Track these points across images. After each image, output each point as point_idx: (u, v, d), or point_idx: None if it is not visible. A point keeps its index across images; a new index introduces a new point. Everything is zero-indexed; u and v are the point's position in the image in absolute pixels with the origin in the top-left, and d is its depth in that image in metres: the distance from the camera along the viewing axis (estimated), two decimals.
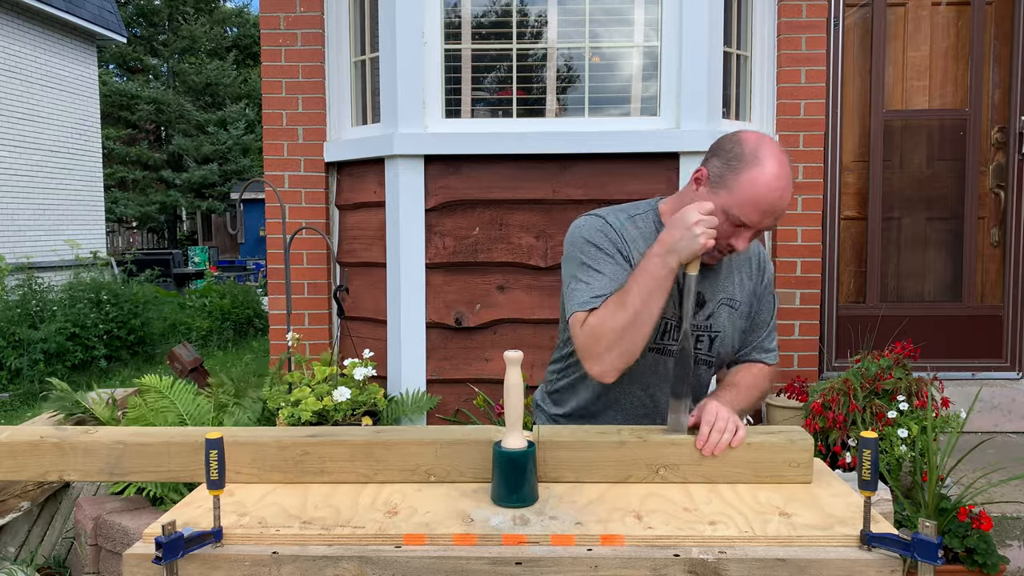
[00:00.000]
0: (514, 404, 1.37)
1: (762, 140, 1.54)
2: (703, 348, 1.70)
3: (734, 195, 1.51)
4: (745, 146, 1.53)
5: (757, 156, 1.50)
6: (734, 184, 1.51)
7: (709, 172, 1.57)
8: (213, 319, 8.24)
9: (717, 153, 1.57)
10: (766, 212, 1.51)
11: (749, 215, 1.51)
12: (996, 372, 3.90)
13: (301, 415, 2.90)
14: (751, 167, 1.50)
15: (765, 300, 1.77)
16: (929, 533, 1.11)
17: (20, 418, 5.12)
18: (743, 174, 1.50)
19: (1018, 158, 3.81)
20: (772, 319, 1.80)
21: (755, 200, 1.50)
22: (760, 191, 1.49)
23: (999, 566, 2.54)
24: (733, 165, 1.52)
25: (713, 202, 1.52)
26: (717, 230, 1.52)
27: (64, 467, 1.51)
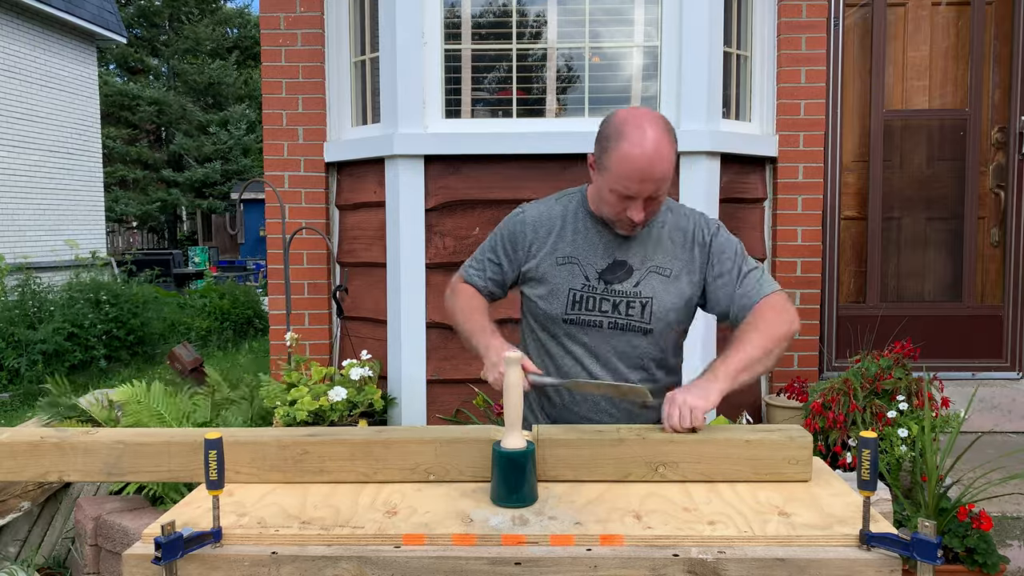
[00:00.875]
0: (513, 404, 1.37)
1: (628, 114, 1.66)
2: (635, 314, 1.75)
3: (611, 173, 1.63)
4: (611, 126, 1.66)
5: (621, 132, 1.63)
6: (608, 163, 1.64)
7: (594, 158, 1.72)
8: (213, 319, 8.23)
9: (597, 137, 1.71)
10: (643, 180, 1.61)
11: (628, 187, 1.62)
12: (996, 372, 3.89)
13: (297, 415, 2.90)
14: (617, 144, 1.62)
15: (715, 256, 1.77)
16: (928, 533, 1.11)
17: (20, 419, 5.12)
18: (611, 153, 1.63)
19: (1018, 158, 3.81)
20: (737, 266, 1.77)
21: (628, 173, 1.61)
22: (629, 164, 1.60)
23: (999, 566, 2.54)
24: (604, 146, 1.66)
25: (601, 182, 1.68)
26: (612, 207, 1.67)
27: (64, 467, 1.51)
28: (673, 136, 1.64)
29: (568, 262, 1.76)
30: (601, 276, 1.75)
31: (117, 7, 13.31)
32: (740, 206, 3.57)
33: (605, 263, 1.76)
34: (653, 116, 1.65)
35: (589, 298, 1.75)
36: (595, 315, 1.75)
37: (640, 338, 1.76)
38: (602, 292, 1.75)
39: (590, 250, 1.77)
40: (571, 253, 1.77)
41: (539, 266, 1.79)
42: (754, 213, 3.66)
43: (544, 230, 1.81)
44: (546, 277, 1.78)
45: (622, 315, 1.74)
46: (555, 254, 1.78)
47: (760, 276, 1.76)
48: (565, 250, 1.78)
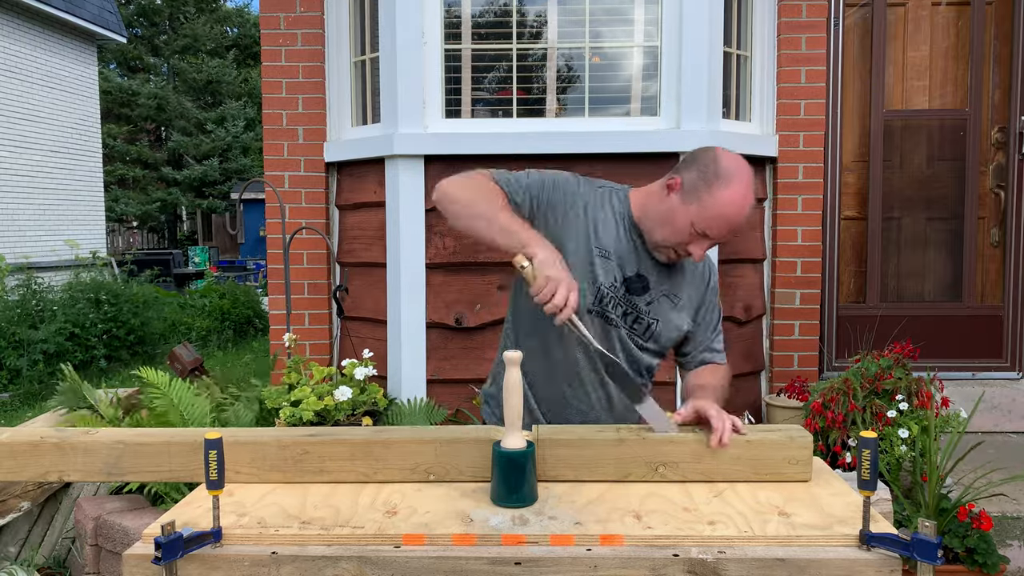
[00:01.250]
0: (513, 404, 1.37)
1: (739, 162, 1.67)
2: (639, 330, 1.79)
3: (706, 209, 1.62)
4: (722, 165, 1.64)
5: (732, 177, 1.63)
6: (707, 199, 1.62)
7: (683, 182, 1.67)
8: (213, 319, 8.24)
9: (694, 166, 1.67)
10: (731, 229, 1.65)
11: (716, 229, 1.64)
12: (996, 372, 3.90)
13: (302, 415, 2.90)
14: (726, 186, 1.62)
15: (709, 305, 1.88)
16: (928, 533, 1.11)
17: (20, 418, 5.12)
18: (718, 192, 1.62)
19: (1018, 158, 3.81)
20: (717, 322, 1.91)
21: (725, 217, 1.62)
22: (730, 210, 1.62)
23: (999, 566, 2.54)
24: (710, 181, 1.63)
25: (682, 211, 1.64)
26: (679, 236, 1.66)
27: (64, 467, 1.51)
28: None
29: (606, 257, 1.75)
30: (625, 282, 1.76)
31: (117, 6, 13.31)
32: None
33: (632, 272, 1.76)
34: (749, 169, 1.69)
35: (613, 299, 1.75)
36: (612, 318, 1.76)
37: (638, 352, 1.81)
38: (622, 298, 1.76)
39: (624, 255, 1.76)
40: (609, 249, 1.75)
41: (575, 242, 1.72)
42: (754, 213, 3.66)
43: (592, 210, 1.75)
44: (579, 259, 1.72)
45: (627, 326, 1.77)
46: (596, 242, 1.74)
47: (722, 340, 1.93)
48: (607, 244, 1.74)
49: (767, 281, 3.73)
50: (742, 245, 3.57)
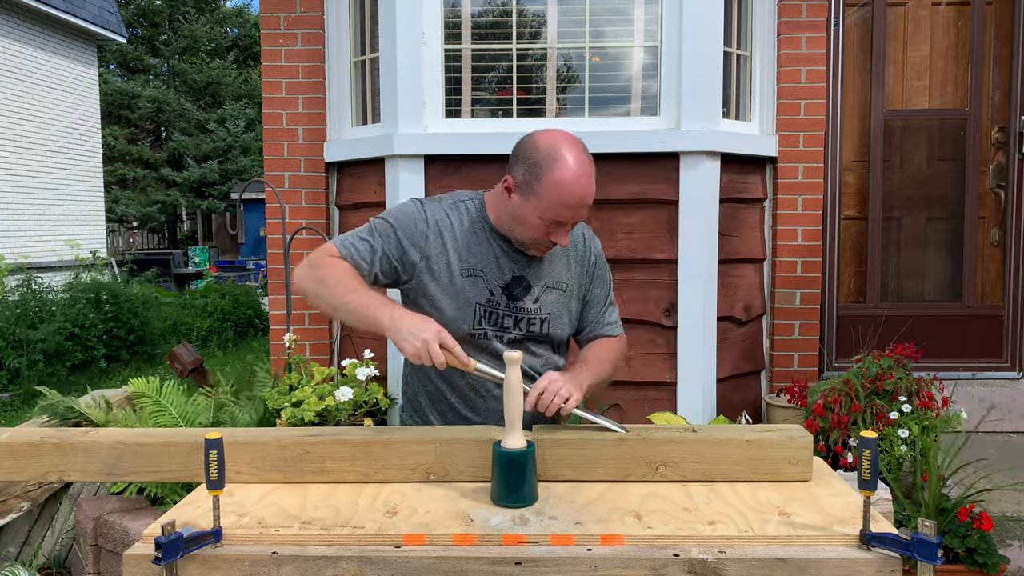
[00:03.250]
0: (514, 403, 1.38)
1: (554, 139, 1.62)
2: (535, 329, 1.77)
3: (543, 200, 1.60)
4: (538, 150, 1.61)
5: (554, 158, 1.59)
6: (540, 190, 1.59)
7: (516, 180, 1.65)
8: (213, 319, 8.24)
9: (518, 160, 1.65)
10: (576, 207, 1.61)
11: (561, 214, 1.61)
12: (996, 372, 3.90)
13: (304, 415, 2.90)
14: (550, 170, 1.59)
15: (596, 277, 1.86)
16: (929, 533, 1.11)
17: (20, 418, 5.12)
18: (544, 179, 1.59)
19: (1018, 158, 3.81)
20: (606, 296, 1.89)
21: (562, 200, 1.59)
22: (564, 192, 1.58)
23: (999, 566, 2.54)
24: (535, 172, 1.60)
25: (526, 208, 1.62)
26: (535, 231, 1.64)
27: (64, 467, 1.51)
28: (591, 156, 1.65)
29: (473, 274, 1.71)
30: (504, 291, 1.73)
31: (117, 7, 13.31)
32: (740, 206, 3.57)
33: (507, 278, 1.73)
34: (575, 139, 1.64)
35: (493, 313, 1.72)
36: (498, 331, 1.74)
37: (536, 346, 1.79)
38: (505, 308, 1.73)
39: (492, 264, 1.72)
40: (475, 265, 1.71)
41: (439, 274, 1.71)
42: (754, 213, 3.66)
43: (447, 234, 1.72)
44: (449, 287, 1.71)
45: (523, 331, 1.75)
46: (460, 263, 1.71)
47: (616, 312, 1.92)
48: (470, 261, 1.72)
49: (767, 281, 3.73)
50: (742, 245, 3.57)
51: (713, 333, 3.41)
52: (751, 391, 3.70)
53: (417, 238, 1.71)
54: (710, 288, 3.37)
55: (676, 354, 3.38)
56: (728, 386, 3.53)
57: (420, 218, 1.73)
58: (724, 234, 3.45)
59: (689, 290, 3.35)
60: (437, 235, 1.72)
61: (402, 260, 1.71)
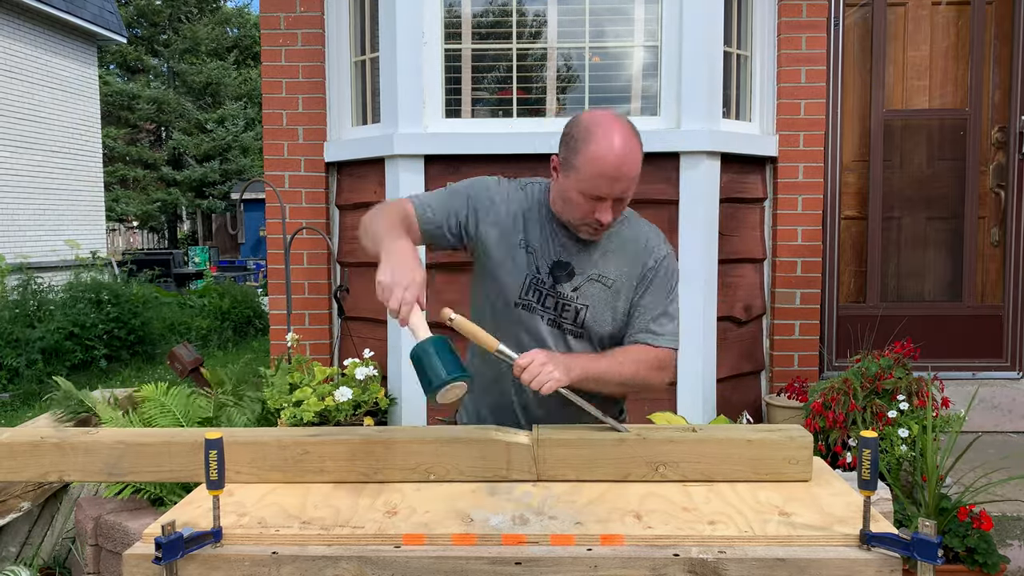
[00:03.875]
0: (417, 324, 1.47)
1: (594, 116, 1.65)
2: (568, 318, 1.76)
3: (581, 174, 1.61)
4: (579, 126, 1.64)
5: (591, 131, 1.61)
6: (578, 164, 1.62)
7: (559, 160, 1.69)
8: (213, 319, 8.24)
9: (563, 139, 1.69)
10: (614, 179, 1.60)
11: (600, 187, 1.61)
12: (996, 372, 3.89)
13: (303, 415, 2.90)
14: (587, 144, 1.60)
15: (653, 287, 1.80)
16: (929, 532, 1.11)
17: (20, 418, 5.12)
18: (582, 153, 1.61)
19: (1018, 158, 3.81)
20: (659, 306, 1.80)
21: (600, 173, 1.60)
22: (601, 164, 1.59)
23: (999, 566, 2.54)
24: (573, 147, 1.63)
25: (569, 185, 1.65)
26: (580, 208, 1.65)
27: (64, 467, 1.51)
28: (639, 138, 1.65)
29: (529, 251, 1.75)
30: (551, 271, 1.76)
31: (117, 7, 13.31)
32: (740, 206, 3.56)
33: (553, 260, 1.76)
34: (620, 118, 1.66)
35: (537, 291, 1.75)
36: (540, 310, 1.76)
37: (574, 340, 1.77)
38: (548, 288, 1.75)
39: (546, 245, 1.76)
40: (531, 241, 1.76)
41: (501, 240, 1.76)
42: (754, 213, 3.66)
43: (513, 207, 1.78)
44: (507, 254, 1.76)
45: (559, 316, 1.76)
46: (519, 236, 1.76)
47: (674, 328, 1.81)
48: (527, 236, 1.76)
49: (767, 281, 3.73)
50: (742, 245, 3.57)
51: (713, 333, 3.41)
52: (751, 391, 3.70)
53: (486, 203, 1.78)
54: (710, 288, 3.37)
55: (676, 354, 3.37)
56: (728, 386, 3.53)
57: (493, 187, 1.81)
58: (724, 234, 3.45)
59: (689, 290, 3.35)
60: (505, 205, 1.78)
61: (468, 218, 1.77)
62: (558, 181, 1.70)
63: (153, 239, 20.99)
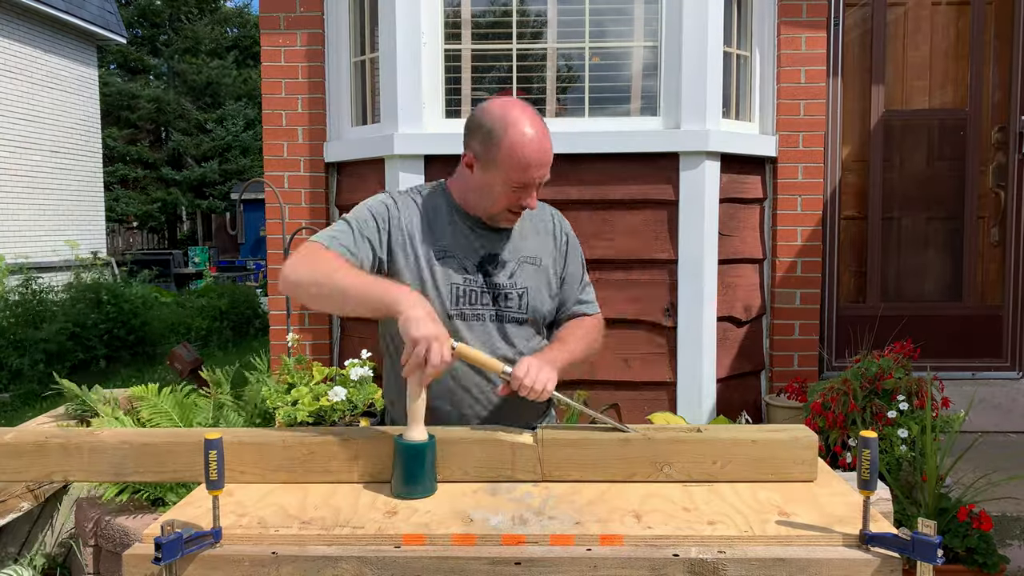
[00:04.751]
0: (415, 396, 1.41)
1: (503, 105, 1.66)
2: (512, 306, 1.76)
3: (503, 167, 1.62)
4: (490, 119, 1.64)
5: (505, 123, 1.62)
6: (499, 158, 1.62)
7: (475, 154, 1.68)
8: (213, 319, 8.24)
9: (472, 133, 1.68)
10: (536, 166, 1.63)
11: (523, 177, 1.63)
12: (996, 372, 3.89)
13: (297, 415, 2.90)
14: (504, 136, 1.61)
15: (570, 255, 1.87)
16: (928, 533, 1.11)
17: (21, 418, 5.11)
18: (501, 147, 1.62)
19: (1018, 158, 3.81)
20: (581, 274, 1.90)
21: (523, 163, 1.62)
22: (524, 152, 1.61)
23: (999, 566, 2.54)
24: (491, 140, 1.63)
25: (491, 179, 1.65)
26: (503, 199, 1.66)
27: (69, 468, 1.51)
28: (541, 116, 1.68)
29: (446, 255, 1.72)
30: (479, 269, 1.74)
31: (117, 7, 13.31)
32: (740, 206, 3.57)
33: (480, 256, 1.74)
34: (522, 103, 1.67)
35: (471, 292, 1.73)
36: (478, 309, 1.73)
37: (516, 327, 1.77)
38: (482, 285, 1.73)
39: (465, 244, 1.74)
40: (446, 247, 1.72)
41: (415, 258, 1.71)
42: (754, 213, 3.66)
43: (416, 219, 1.74)
44: (425, 270, 1.70)
45: (501, 307, 1.75)
46: (432, 246, 1.72)
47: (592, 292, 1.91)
48: (441, 243, 1.72)
49: (767, 281, 3.73)
50: (742, 245, 3.57)
51: (713, 333, 3.41)
52: (751, 391, 3.70)
53: (391, 223, 1.73)
54: (710, 288, 3.37)
55: (676, 354, 3.38)
56: (728, 386, 3.53)
57: (391, 204, 1.76)
58: (724, 234, 3.45)
59: (689, 290, 3.35)
60: (410, 220, 1.74)
61: (380, 244, 1.71)
62: (474, 176, 1.69)
63: (153, 239, 20.97)
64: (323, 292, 1.58)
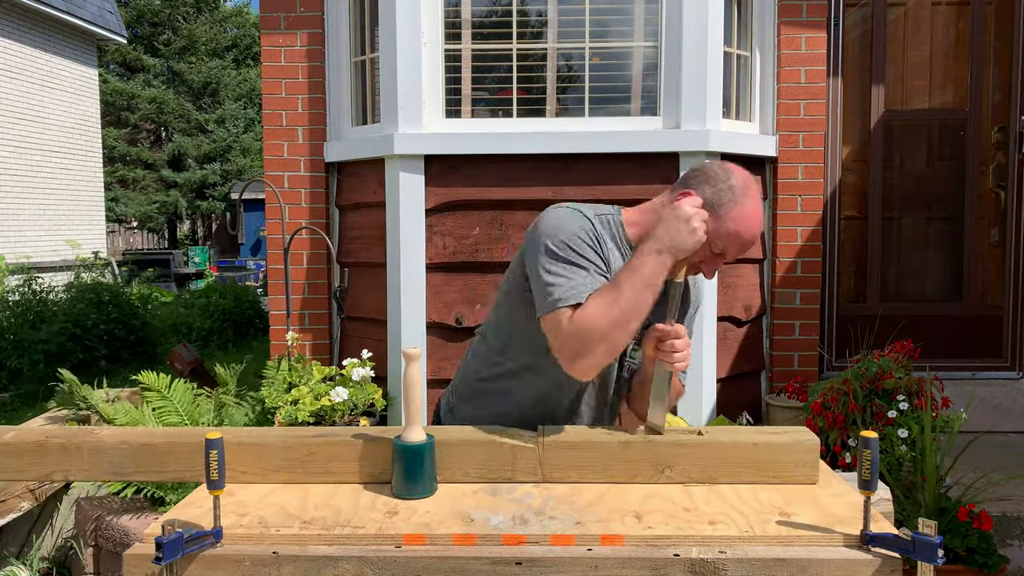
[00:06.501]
0: (414, 398, 1.39)
1: (747, 176, 1.61)
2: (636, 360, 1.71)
3: (723, 226, 1.55)
4: (736, 180, 1.58)
5: (747, 193, 1.57)
6: (726, 216, 1.55)
7: (707, 201, 1.57)
8: (213, 319, 8.23)
9: (707, 180, 1.59)
10: (744, 245, 1.59)
11: (731, 247, 1.58)
12: (996, 372, 3.89)
13: (298, 415, 2.90)
14: (742, 203, 1.56)
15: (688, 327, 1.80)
16: (929, 533, 1.11)
17: (20, 418, 5.11)
18: (735, 208, 1.56)
19: (1018, 158, 3.81)
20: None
21: (741, 234, 1.57)
22: (745, 227, 1.57)
23: (999, 566, 2.54)
24: (727, 197, 1.56)
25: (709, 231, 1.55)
26: (699, 256, 1.57)
27: (69, 467, 1.51)
28: None
29: None
30: None
31: (117, 7, 13.32)
32: None
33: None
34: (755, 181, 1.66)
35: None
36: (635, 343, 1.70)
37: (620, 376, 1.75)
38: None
39: None
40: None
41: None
42: None
43: (603, 243, 1.62)
44: None
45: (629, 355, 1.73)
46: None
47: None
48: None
49: (767, 281, 3.73)
50: None
51: (713, 333, 3.41)
52: (751, 391, 3.70)
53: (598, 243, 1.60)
54: (710, 288, 3.38)
55: None
56: (728, 386, 3.53)
57: (588, 227, 1.59)
58: None
59: None
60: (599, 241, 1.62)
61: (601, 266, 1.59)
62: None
63: (152, 239, 20.98)
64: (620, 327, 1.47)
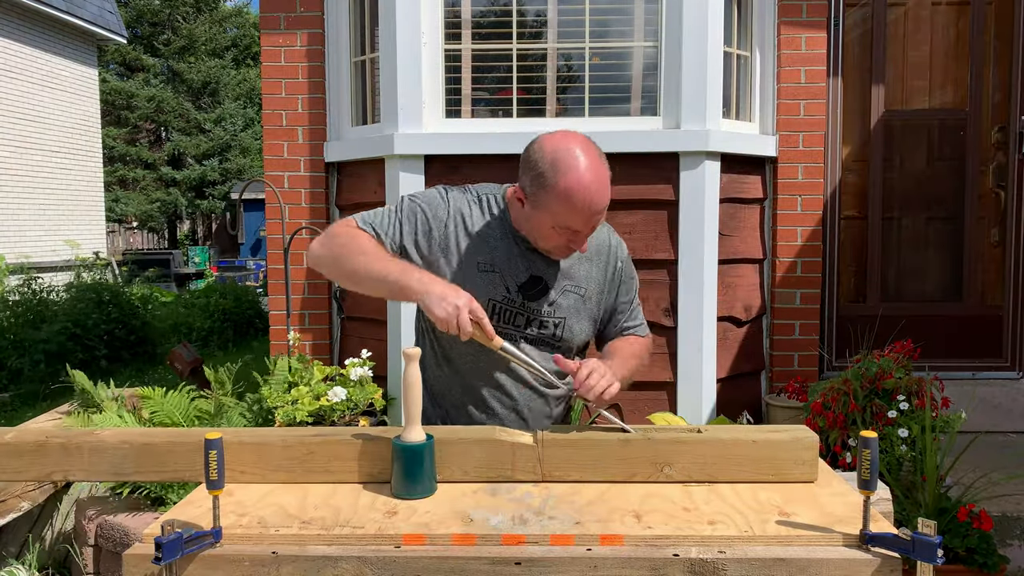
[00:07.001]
0: (413, 400, 1.39)
1: (560, 144, 1.54)
2: (547, 333, 1.73)
3: (553, 210, 1.54)
4: (545, 159, 1.54)
5: (559, 167, 1.52)
6: (547, 201, 1.54)
7: (525, 191, 1.59)
8: (213, 319, 8.23)
9: (525, 168, 1.59)
10: (589, 214, 1.55)
11: (574, 223, 1.55)
12: (996, 372, 3.89)
13: (296, 415, 2.90)
14: (555, 180, 1.52)
15: (623, 284, 1.82)
16: (929, 533, 1.11)
17: (21, 418, 5.11)
18: (552, 190, 1.52)
19: (1018, 158, 3.81)
20: (634, 299, 1.86)
21: (574, 210, 1.53)
22: (575, 201, 1.52)
23: (999, 566, 2.54)
24: (541, 183, 1.54)
25: (538, 218, 1.58)
26: (551, 239, 1.60)
27: (69, 467, 1.51)
28: (604, 158, 1.58)
29: (489, 270, 1.67)
30: (520, 290, 1.69)
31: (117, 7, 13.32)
32: (740, 206, 3.57)
33: (524, 277, 1.69)
34: (583, 142, 1.55)
35: (507, 311, 1.68)
36: (510, 329, 1.69)
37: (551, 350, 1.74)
38: (519, 307, 1.69)
39: (510, 262, 1.68)
40: (492, 261, 1.67)
41: (456, 264, 1.66)
42: (754, 213, 3.66)
43: (468, 224, 1.68)
44: (463, 280, 1.64)
45: (534, 331, 1.71)
46: (476, 257, 1.66)
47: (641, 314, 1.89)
48: (488, 256, 1.67)
49: (767, 281, 3.73)
50: (742, 245, 3.57)
51: (713, 333, 3.41)
52: (751, 391, 3.70)
53: (438, 223, 1.67)
54: (710, 288, 3.38)
55: (676, 354, 3.38)
56: (728, 386, 3.53)
57: (442, 205, 1.68)
58: (724, 234, 3.45)
59: (689, 290, 3.35)
60: (458, 224, 1.68)
61: (421, 240, 1.66)
62: (524, 211, 1.62)
63: (152, 239, 20.99)
64: (343, 271, 1.60)
